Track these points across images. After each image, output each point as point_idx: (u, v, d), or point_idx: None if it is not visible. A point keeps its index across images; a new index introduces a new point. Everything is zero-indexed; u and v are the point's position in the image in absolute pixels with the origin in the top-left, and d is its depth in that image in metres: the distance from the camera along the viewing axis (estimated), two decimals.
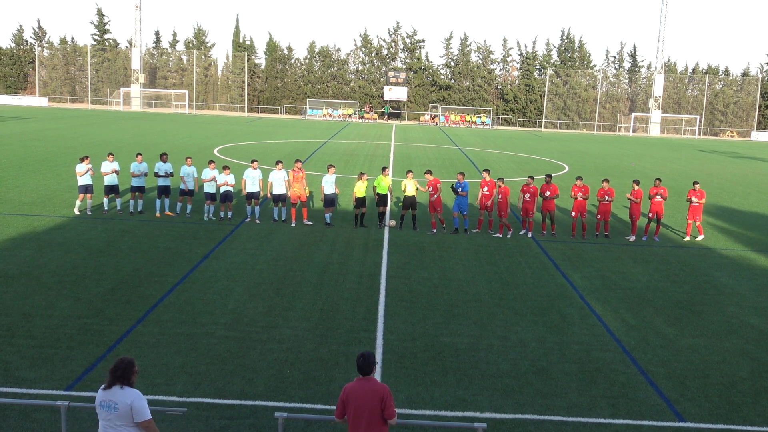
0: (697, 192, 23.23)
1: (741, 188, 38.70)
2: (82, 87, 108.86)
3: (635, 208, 22.94)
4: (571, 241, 22.38)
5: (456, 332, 13.71)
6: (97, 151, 39.92)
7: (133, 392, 7.08)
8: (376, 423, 7.53)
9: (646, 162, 52.18)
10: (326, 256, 19.12)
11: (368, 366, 7.65)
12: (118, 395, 7.04)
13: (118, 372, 7.07)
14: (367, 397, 7.51)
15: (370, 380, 7.65)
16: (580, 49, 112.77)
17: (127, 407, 7.00)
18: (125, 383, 7.08)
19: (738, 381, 12.03)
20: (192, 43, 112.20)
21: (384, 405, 7.52)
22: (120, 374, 7.07)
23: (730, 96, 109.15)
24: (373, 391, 7.55)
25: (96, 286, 15.60)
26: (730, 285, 18.16)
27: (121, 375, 7.07)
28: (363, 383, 7.62)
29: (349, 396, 7.61)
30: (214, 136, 57.86)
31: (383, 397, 7.53)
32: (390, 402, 7.56)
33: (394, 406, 7.61)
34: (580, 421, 10.34)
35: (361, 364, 7.66)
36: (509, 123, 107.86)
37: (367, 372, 7.66)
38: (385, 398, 7.53)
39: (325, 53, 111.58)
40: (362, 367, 7.66)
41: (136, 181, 23.39)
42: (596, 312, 15.40)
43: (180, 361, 11.80)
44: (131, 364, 7.16)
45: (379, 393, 7.54)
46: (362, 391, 7.55)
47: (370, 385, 7.60)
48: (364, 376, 7.67)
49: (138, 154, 23.99)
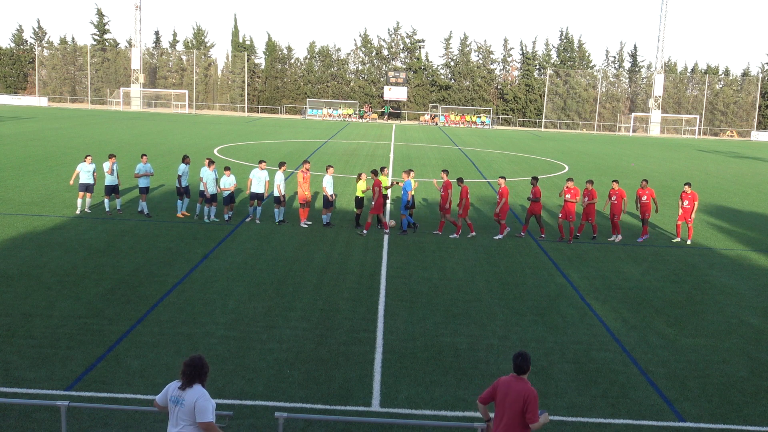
0: (689, 194, 22.98)
1: (741, 188, 38.71)
2: (81, 87, 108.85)
3: (614, 207, 22.48)
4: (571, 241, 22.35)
5: (456, 332, 13.71)
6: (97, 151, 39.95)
7: (200, 391, 7.06)
8: (516, 423, 7.63)
9: (645, 162, 52.18)
10: (326, 256, 19.12)
11: (526, 366, 7.79)
12: (187, 392, 7.05)
13: (191, 371, 7.07)
14: (514, 395, 7.66)
15: (522, 381, 7.77)
16: (579, 49, 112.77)
17: (191, 405, 6.99)
18: (198, 382, 7.10)
19: (738, 381, 12.03)
20: (191, 43, 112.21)
21: (526, 408, 7.58)
22: (190, 372, 7.07)
23: (730, 96, 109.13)
24: (521, 392, 7.64)
25: (96, 286, 15.61)
26: (729, 285, 18.16)
27: (191, 374, 7.07)
28: (515, 381, 7.77)
29: (499, 389, 7.82)
30: (213, 136, 57.87)
31: (527, 400, 7.59)
32: (533, 407, 7.58)
33: (537, 412, 7.61)
34: (580, 421, 10.34)
35: (520, 364, 7.78)
36: (509, 123, 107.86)
37: (522, 372, 7.80)
38: (529, 402, 7.59)
39: (325, 53, 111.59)
40: (520, 366, 7.79)
41: (142, 182, 23.34)
42: (596, 312, 15.41)
43: (180, 361, 11.68)
44: (204, 365, 7.14)
45: (523, 395, 7.61)
46: (512, 389, 7.71)
47: (521, 385, 7.71)
48: (519, 375, 7.81)
49: (143, 155, 24.02)
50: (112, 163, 23.40)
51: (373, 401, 10.69)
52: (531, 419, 7.58)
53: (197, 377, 7.09)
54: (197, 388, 7.07)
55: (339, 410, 10.35)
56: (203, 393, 7.07)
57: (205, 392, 7.10)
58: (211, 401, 7.07)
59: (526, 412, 7.59)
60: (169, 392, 7.23)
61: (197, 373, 7.08)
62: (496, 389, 7.85)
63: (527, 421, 7.60)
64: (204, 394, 7.05)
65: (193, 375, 7.07)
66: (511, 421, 7.63)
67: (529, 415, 7.58)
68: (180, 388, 7.09)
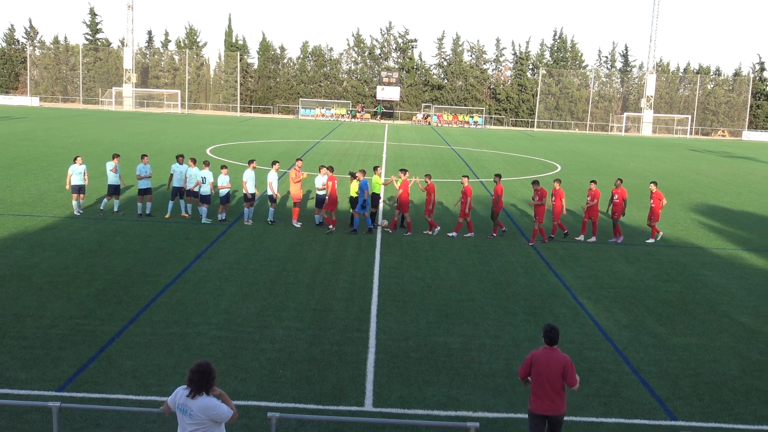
0: (654, 193, 22.71)
1: (732, 187, 38.85)
2: (73, 87, 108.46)
3: (591, 209, 22.35)
4: (563, 241, 22.42)
5: (449, 332, 13.72)
6: (89, 152, 39.85)
7: (209, 403, 6.89)
8: (558, 387, 8.49)
9: (638, 162, 52.31)
10: (319, 256, 19.11)
11: (556, 337, 8.60)
12: (196, 402, 6.88)
13: (195, 377, 6.88)
14: (552, 364, 8.48)
15: (554, 350, 8.60)
16: (572, 49, 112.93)
17: (203, 418, 6.87)
18: (205, 390, 6.92)
19: (729, 379, 12.08)
20: (184, 43, 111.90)
21: (566, 373, 8.46)
22: (198, 380, 6.88)
23: (722, 96, 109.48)
24: (558, 359, 8.51)
25: (87, 286, 15.56)
26: (721, 284, 18.23)
27: (199, 381, 6.89)
28: (549, 352, 8.58)
29: (535, 361, 8.56)
30: (206, 135, 57.76)
31: (566, 366, 8.48)
32: (572, 371, 8.49)
33: (575, 376, 8.52)
34: (572, 420, 10.36)
35: (552, 336, 8.60)
36: (502, 123, 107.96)
37: (553, 342, 8.60)
38: (567, 367, 8.49)
39: (318, 53, 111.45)
40: (552, 338, 8.60)
41: (142, 183, 23.24)
42: (588, 311, 15.44)
43: (172, 361, 11.78)
44: (213, 373, 6.96)
45: (562, 362, 8.50)
46: (547, 359, 8.52)
47: (555, 354, 8.55)
48: (550, 346, 8.60)
49: (143, 156, 23.93)
50: (116, 162, 23.33)
51: (366, 401, 10.70)
52: (571, 383, 8.47)
53: (205, 385, 6.91)
54: (206, 399, 6.89)
55: (332, 410, 10.35)
56: (213, 404, 6.90)
57: (215, 402, 6.92)
58: (218, 406, 6.92)
59: (566, 377, 8.46)
60: (177, 398, 7.05)
61: (205, 380, 6.90)
62: (532, 363, 8.58)
63: (568, 384, 8.47)
64: (215, 405, 6.90)
65: (201, 382, 6.89)
66: (552, 386, 8.46)
67: (569, 380, 8.46)
68: (188, 396, 6.91)
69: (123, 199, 25.36)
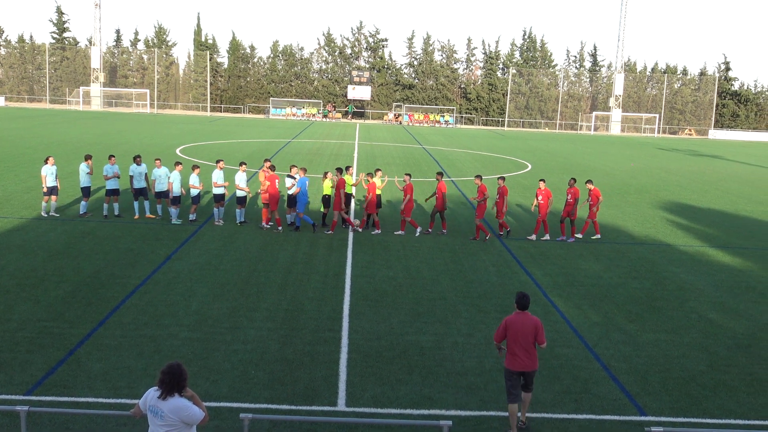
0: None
1: (699, 185, 39.41)
2: (40, 86, 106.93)
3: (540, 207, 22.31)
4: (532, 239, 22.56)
5: (421, 330, 13.76)
6: (57, 152, 39.31)
7: (180, 404, 6.82)
8: (531, 346, 9.81)
9: (606, 160, 52.84)
10: (291, 256, 19.05)
11: (527, 303, 9.95)
12: (167, 403, 6.82)
13: (166, 379, 6.82)
14: (525, 326, 9.80)
15: (526, 314, 9.91)
16: (542, 49, 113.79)
17: (174, 420, 6.80)
18: (177, 391, 6.86)
19: (697, 375, 12.26)
20: (153, 42, 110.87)
21: (537, 333, 9.81)
22: (169, 381, 6.82)
23: (688, 95, 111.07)
24: (530, 321, 9.85)
25: (56, 288, 15.36)
26: (688, 280, 18.48)
27: (170, 383, 6.82)
28: (521, 316, 9.89)
29: (509, 325, 9.85)
30: (176, 135, 57.27)
31: (537, 327, 9.83)
32: (542, 331, 9.87)
33: (544, 334, 9.95)
34: (544, 417, 10.45)
35: (524, 302, 9.94)
36: (472, 122, 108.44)
37: (524, 308, 9.93)
38: (538, 328, 9.84)
39: (289, 52, 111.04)
40: (524, 304, 9.94)
41: (110, 183, 22.95)
42: (559, 309, 15.57)
43: (143, 363, 11.67)
44: (184, 374, 6.90)
45: (533, 323, 9.85)
46: (521, 322, 9.83)
47: (527, 317, 9.87)
48: (522, 311, 9.92)
49: (111, 156, 23.62)
50: (90, 164, 23.04)
51: (339, 401, 10.69)
52: (541, 341, 9.86)
53: (176, 386, 6.84)
54: (177, 400, 6.83)
55: (305, 410, 10.33)
56: (185, 405, 6.83)
57: (186, 403, 6.86)
58: (192, 407, 6.87)
59: (537, 337, 9.81)
60: (148, 400, 6.98)
61: (176, 381, 6.83)
62: (507, 327, 9.86)
63: (538, 342, 9.85)
64: (186, 406, 6.83)
65: (172, 383, 6.82)
66: (526, 346, 9.77)
67: (539, 338, 9.85)
68: (159, 397, 6.85)
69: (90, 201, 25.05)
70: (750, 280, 18.83)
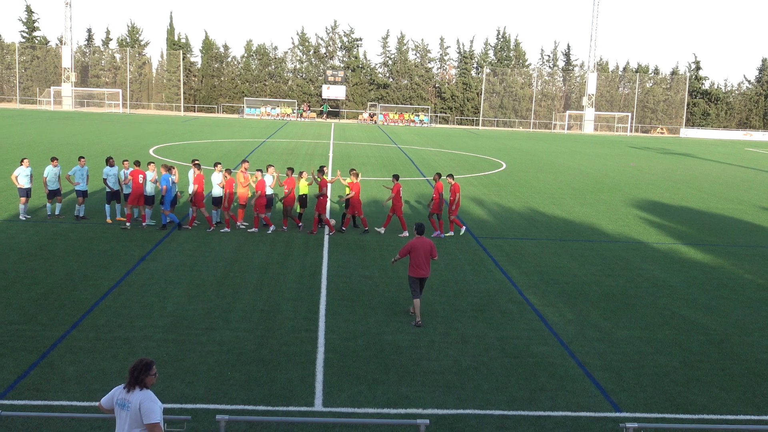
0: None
1: (671, 183, 39.85)
2: (9, 86, 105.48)
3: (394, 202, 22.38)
4: (510, 237, 22.70)
5: (397, 330, 13.77)
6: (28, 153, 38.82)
7: (145, 393, 6.96)
8: (428, 259, 14.04)
9: (579, 159, 53.27)
10: (266, 257, 18.97)
11: (423, 229, 14.36)
12: (132, 394, 6.95)
13: (134, 373, 6.97)
14: (424, 245, 14.03)
15: (423, 238, 14.14)
16: (515, 48, 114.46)
17: (137, 408, 6.88)
18: (140, 385, 6.98)
19: (671, 371, 12.39)
20: (126, 41, 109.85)
21: (432, 250, 14.10)
22: (136, 375, 6.98)
23: (660, 94, 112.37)
24: (427, 243, 14.09)
25: (28, 290, 15.15)
26: (662, 278, 18.68)
27: (136, 376, 6.98)
28: (420, 239, 14.08)
29: (413, 246, 13.98)
30: (149, 135, 56.79)
31: (431, 246, 14.11)
32: (435, 249, 14.20)
33: (437, 252, 14.55)
34: (521, 414, 10.50)
35: (421, 229, 14.33)
36: (447, 121, 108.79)
37: (421, 233, 14.26)
38: (433, 247, 14.12)
39: (263, 52, 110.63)
40: (420, 230, 14.32)
41: (80, 185, 22.65)
42: (535, 307, 15.66)
43: (117, 366, 11.56)
44: (148, 366, 7.04)
45: (429, 244, 14.10)
46: (421, 243, 14.02)
47: (424, 240, 14.11)
48: (420, 235, 14.20)
49: (80, 158, 23.33)
50: (56, 165, 22.74)
51: (316, 401, 10.66)
52: (434, 256, 14.18)
53: (141, 375, 6.98)
54: (144, 392, 6.97)
55: (281, 411, 10.29)
56: (148, 395, 6.96)
57: (151, 394, 6.98)
58: (157, 402, 6.97)
59: (432, 253, 14.10)
60: (115, 396, 7.10)
61: (141, 370, 6.98)
62: (411, 248, 14.00)
63: (433, 257, 14.13)
64: (149, 396, 6.95)
65: (138, 374, 6.98)
66: (425, 260, 13.98)
67: (434, 254, 14.16)
68: (125, 389, 7.00)
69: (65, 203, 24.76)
70: (722, 276, 19.08)
